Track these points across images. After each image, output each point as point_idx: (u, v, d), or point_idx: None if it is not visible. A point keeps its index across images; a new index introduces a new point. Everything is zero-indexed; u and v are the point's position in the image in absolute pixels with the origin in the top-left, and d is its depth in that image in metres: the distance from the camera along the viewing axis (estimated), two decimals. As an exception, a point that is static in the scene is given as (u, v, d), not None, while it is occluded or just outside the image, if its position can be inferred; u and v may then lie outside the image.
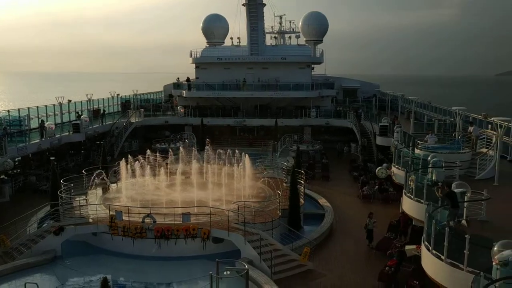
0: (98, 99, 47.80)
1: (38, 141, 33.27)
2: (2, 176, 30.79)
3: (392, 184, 28.02)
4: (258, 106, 49.52)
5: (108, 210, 21.31)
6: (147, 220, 20.29)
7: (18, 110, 36.13)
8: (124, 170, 27.34)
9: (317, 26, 55.31)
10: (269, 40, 56.57)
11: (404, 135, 29.75)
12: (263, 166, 32.60)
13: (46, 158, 36.62)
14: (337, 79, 56.73)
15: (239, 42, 53.89)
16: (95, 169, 26.29)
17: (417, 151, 25.65)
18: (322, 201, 27.88)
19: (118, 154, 39.70)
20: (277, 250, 19.42)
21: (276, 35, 58.16)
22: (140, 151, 33.17)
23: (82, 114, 41.57)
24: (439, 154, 22.84)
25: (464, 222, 16.35)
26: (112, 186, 27.38)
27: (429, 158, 21.14)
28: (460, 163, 22.72)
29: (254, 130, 49.24)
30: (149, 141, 43.81)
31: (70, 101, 42.82)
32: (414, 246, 17.48)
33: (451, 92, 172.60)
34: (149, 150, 30.52)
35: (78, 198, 23.47)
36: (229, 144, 42.02)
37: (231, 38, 55.14)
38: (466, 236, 11.82)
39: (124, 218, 20.52)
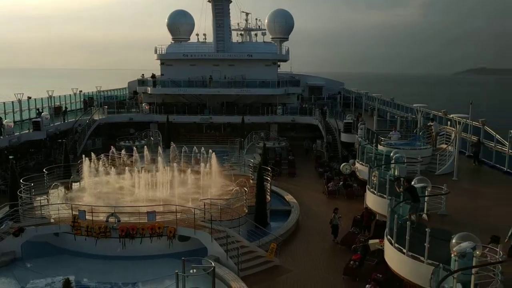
0: (60, 96, 46.46)
1: (-5, 139, 32.03)
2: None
3: (356, 179, 28.53)
4: (224, 103, 49.35)
5: (70, 210, 20.71)
6: (111, 219, 19.88)
7: (-28, 107, 34.78)
8: (87, 168, 26.73)
9: (283, 23, 55.76)
10: (235, 37, 56.58)
11: (367, 132, 30.38)
12: (230, 163, 32.58)
13: (4, 157, 35.24)
14: (302, 77, 57.35)
15: (205, 38, 53.42)
16: (57, 167, 25.57)
17: (380, 148, 26.27)
18: (289, 197, 28.06)
19: (81, 152, 38.72)
20: (244, 247, 19.45)
21: (242, 32, 58.15)
22: (104, 149, 32.51)
23: (42, 112, 40.34)
24: (401, 150, 23.39)
25: (424, 216, 16.85)
26: (74, 185, 26.71)
27: (391, 154, 21.61)
28: (421, 159, 23.44)
29: (221, 127, 49.11)
30: (113, 138, 42.81)
31: (30, 98, 41.46)
32: (377, 240, 17.82)
33: (411, 90, 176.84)
34: (113, 148, 29.97)
35: (39, 198, 22.76)
36: (195, 141, 41.71)
37: (197, 35, 54.69)
38: (427, 229, 12.15)
39: (87, 217, 20.06)
